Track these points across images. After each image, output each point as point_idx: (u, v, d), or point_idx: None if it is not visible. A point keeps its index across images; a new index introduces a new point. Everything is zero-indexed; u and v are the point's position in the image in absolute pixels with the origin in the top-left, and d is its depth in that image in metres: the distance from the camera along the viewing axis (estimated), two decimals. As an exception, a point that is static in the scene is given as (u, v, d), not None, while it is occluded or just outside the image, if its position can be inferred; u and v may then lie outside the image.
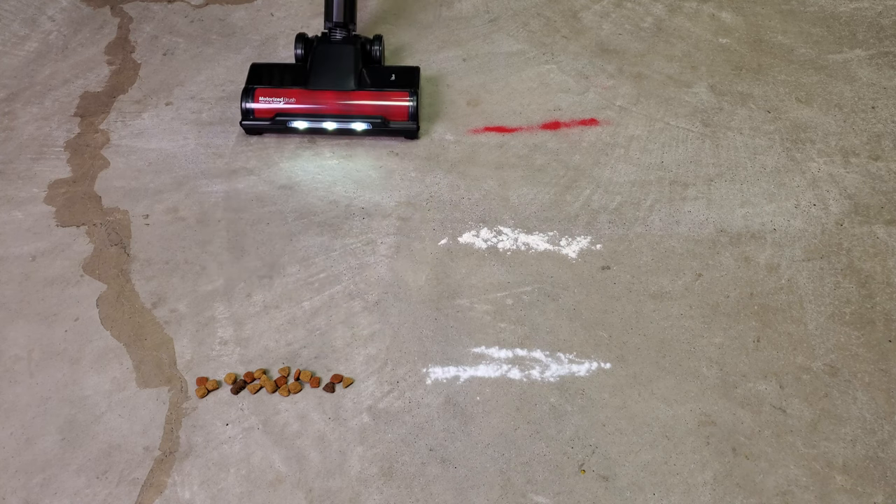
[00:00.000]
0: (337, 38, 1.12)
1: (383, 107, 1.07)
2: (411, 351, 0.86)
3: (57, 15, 1.31)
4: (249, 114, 1.08)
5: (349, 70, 1.09)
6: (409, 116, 1.06)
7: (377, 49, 1.14)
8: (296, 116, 1.07)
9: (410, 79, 1.10)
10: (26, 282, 0.93)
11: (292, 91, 1.08)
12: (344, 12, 1.12)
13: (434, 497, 0.75)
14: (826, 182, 1.03)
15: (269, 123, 1.07)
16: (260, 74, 1.12)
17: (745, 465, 0.77)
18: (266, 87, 1.09)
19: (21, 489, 0.76)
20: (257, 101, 1.08)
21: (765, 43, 1.23)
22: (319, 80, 1.09)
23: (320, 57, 1.10)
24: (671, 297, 0.91)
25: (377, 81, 1.10)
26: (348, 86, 1.08)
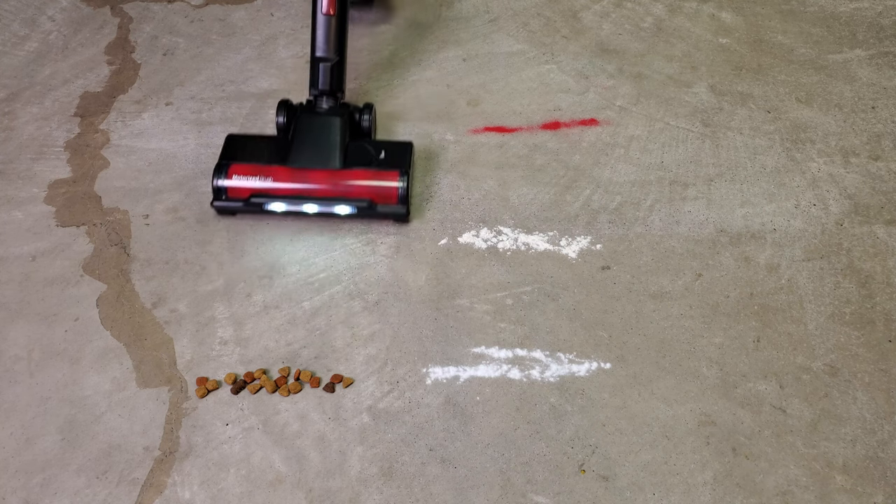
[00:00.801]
0: (323, 108, 1.02)
1: (371, 188, 0.96)
2: (411, 351, 0.86)
3: (57, 15, 1.31)
4: (222, 193, 0.97)
5: (334, 146, 0.98)
6: (399, 200, 0.96)
7: (367, 119, 1.03)
8: (273, 198, 0.97)
9: (402, 157, 0.99)
10: (26, 282, 0.93)
11: (270, 168, 0.97)
12: (331, 79, 1.02)
13: (434, 497, 0.75)
14: (826, 182, 1.03)
15: (242, 205, 0.97)
16: (236, 147, 1.01)
17: (745, 465, 0.77)
18: (242, 162, 0.98)
19: (21, 489, 0.76)
20: (231, 178, 0.97)
21: (765, 43, 1.23)
22: (301, 157, 0.98)
23: (303, 130, 1.00)
24: (671, 297, 0.91)
25: (365, 158, 0.99)
26: (333, 164, 0.97)
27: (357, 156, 0.99)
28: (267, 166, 0.97)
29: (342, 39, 1.02)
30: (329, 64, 1.01)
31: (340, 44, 1.02)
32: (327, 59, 1.01)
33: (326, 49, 1.01)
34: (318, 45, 1.02)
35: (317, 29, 1.01)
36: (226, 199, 0.97)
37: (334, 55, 1.01)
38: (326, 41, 1.01)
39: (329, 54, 1.01)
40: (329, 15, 1.01)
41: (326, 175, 0.97)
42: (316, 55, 1.02)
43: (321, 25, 1.01)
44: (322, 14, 1.01)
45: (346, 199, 0.96)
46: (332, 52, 1.01)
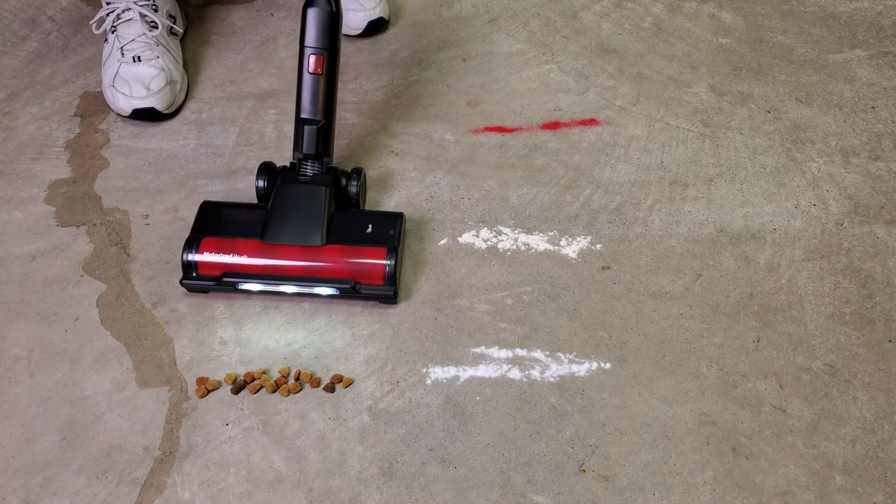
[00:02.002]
0: (306, 175, 0.93)
1: (354, 267, 0.88)
2: (411, 351, 0.86)
3: (57, 15, 1.31)
4: (192, 269, 0.89)
5: (316, 220, 0.89)
6: (385, 280, 0.88)
7: (355, 186, 0.94)
8: (247, 277, 0.88)
9: (390, 230, 0.91)
10: (26, 282, 0.93)
11: (245, 244, 0.89)
12: (317, 143, 0.93)
13: (434, 497, 0.75)
14: (826, 182, 1.03)
15: (213, 283, 0.89)
16: (210, 217, 0.93)
17: (745, 465, 0.77)
18: (215, 236, 0.90)
19: (21, 489, 0.76)
20: (202, 253, 0.88)
21: (765, 43, 1.23)
22: (279, 232, 0.89)
23: (282, 200, 0.91)
24: (671, 297, 0.91)
25: (350, 232, 0.90)
26: (313, 240, 0.88)
27: (341, 229, 0.90)
28: (241, 241, 0.89)
29: (330, 100, 0.94)
30: (315, 127, 0.93)
31: (328, 105, 0.94)
32: (313, 122, 0.93)
33: (312, 111, 0.93)
34: (303, 105, 0.93)
35: (302, 88, 0.93)
36: (196, 277, 0.89)
37: (321, 117, 0.93)
38: (312, 102, 0.93)
39: (315, 116, 0.93)
40: (316, 74, 0.93)
41: (306, 252, 0.88)
42: (301, 116, 0.94)
43: (307, 85, 0.93)
44: (308, 73, 0.93)
45: (328, 280, 0.88)
46: (318, 114, 0.93)
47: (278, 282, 0.88)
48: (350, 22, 1.23)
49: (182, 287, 0.90)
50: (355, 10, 1.22)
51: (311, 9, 0.92)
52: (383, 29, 1.27)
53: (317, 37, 0.92)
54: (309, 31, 0.92)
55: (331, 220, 0.91)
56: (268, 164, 0.95)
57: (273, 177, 0.94)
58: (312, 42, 0.92)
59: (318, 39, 0.92)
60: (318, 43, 0.92)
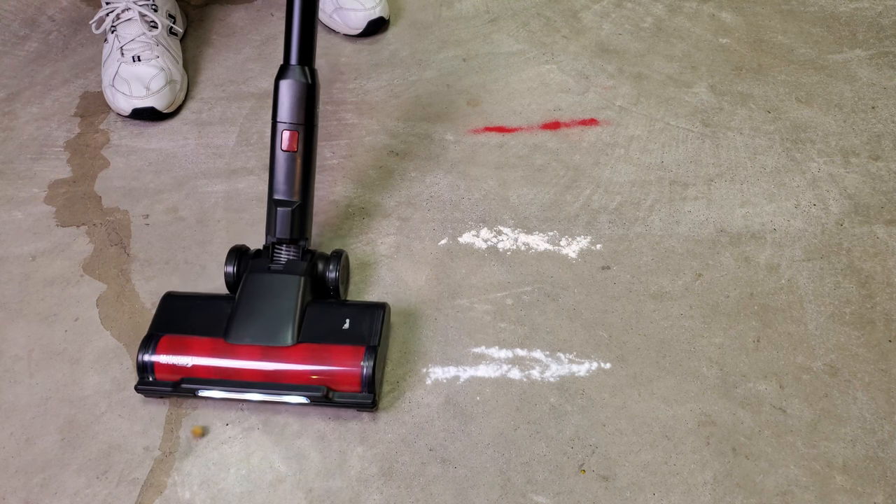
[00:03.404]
0: (279, 262, 0.83)
1: (327, 371, 0.77)
2: (411, 351, 0.86)
3: (57, 15, 1.31)
4: (147, 372, 0.79)
5: (287, 316, 0.79)
6: (363, 385, 0.77)
7: (334, 272, 0.84)
8: (207, 383, 0.78)
9: (370, 326, 0.80)
10: (26, 282, 0.93)
11: (206, 343, 0.79)
12: (291, 226, 0.84)
13: (434, 497, 0.75)
14: (826, 182, 1.03)
15: (171, 389, 0.79)
16: (172, 311, 0.83)
17: (745, 465, 0.77)
18: (176, 333, 0.80)
19: (21, 489, 0.76)
20: (159, 353, 0.79)
21: (765, 43, 1.23)
22: (244, 331, 0.79)
23: (251, 292, 0.81)
24: (671, 297, 0.91)
25: (325, 328, 0.79)
26: (283, 340, 0.78)
27: (316, 324, 0.80)
28: (204, 340, 0.79)
29: (307, 179, 0.85)
30: (289, 209, 0.84)
31: (305, 184, 0.85)
32: (287, 203, 0.84)
33: (287, 191, 0.84)
34: (276, 185, 0.84)
35: (275, 167, 0.84)
36: (153, 382, 0.79)
37: (297, 198, 0.84)
38: (287, 182, 0.84)
39: (290, 196, 0.84)
40: (292, 151, 0.84)
41: (274, 354, 0.78)
42: (273, 197, 0.84)
43: (280, 163, 0.84)
44: (282, 150, 0.84)
45: (297, 387, 0.77)
46: (293, 195, 0.84)
47: (241, 389, 0.78)
48: (350, 22, 1.23)
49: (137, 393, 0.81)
50: (355, 9, 1.22)
51: (283, 80, 0.84)
52: (383, 29, 1.27)
53: (291, 111, 0.84)
54: (282, 105, 0.84)
55: (304, 314, 0.81)
56: (238, 247, 0.86)
57: (244, 262, 0.85)
58: (286, 117, 0.84)
59: (292, 114, 0.84)
60: (292, 118, 0.84)
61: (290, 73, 0.84)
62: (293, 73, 0.84)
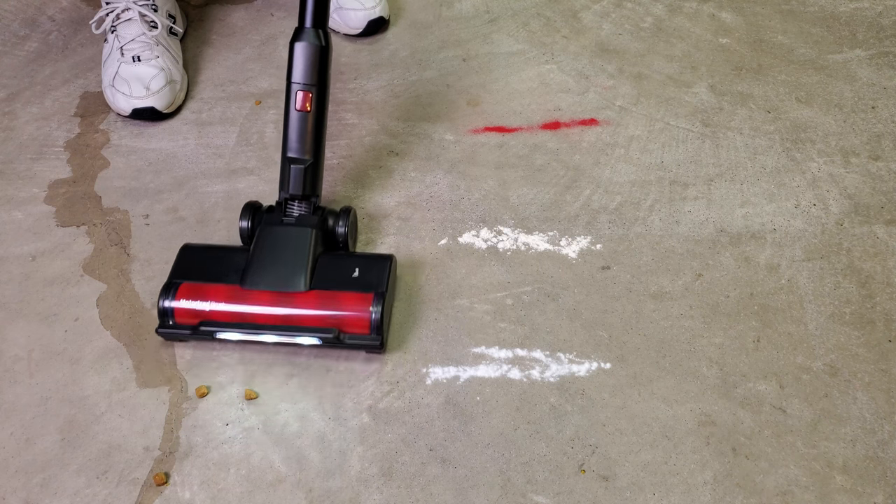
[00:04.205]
0: (292, 216, 0.88)
1: (338, 315, 0.82)
2: (411, 351, 0.86)
3: (57, 15, 1.31)
4: (168, 317, 0.84)
5: (300, 265, 0.84)
6: (372, 328, 0.82)
7: (343, 226, 0.89)
8: (225, 326, 0.83)
9: (379, 275, 0.85)
10: (26, 282, 0.93)
11: (223, 290, 0.84)
12: (304, 183, 0.88)
13: (434, 497, 0.75)
14: (826, 182, 1.03)
15: (190, 332, 0.83)
16: (190, 261, 0.88)
17: (745, 465, 0.77)
18: (194, 281, 0.85)
19: (21, 489, 0.76)
20: (179, 300, 0.84)
21: (765, 43, 1.23)
22: (259, 278, 0.84)
23: (265, 243, 0.86)
24: (671, 297, 0.91)
25: (336, 276, 0.85)
26: (296, 286, 0.83)
27: (327, 273, 0.85)
28: (221, 286, 0.84)
29: (319, 138, 0.89)
30: (302, 166, 0.88)
31: (317, 143, 0.89)
32: (300, 161, 0.88)
33: (300, 149, 0.88)
34: (289, 143, 0.89)
35: (289, 126, 0.89)
36: (173, 326, 0.84)
37: (309, 156, 0.89)
38: (300, 141, 0.88)
39: (303, 155, 0.89)
40: (304, 111, 0.88)
41: (288, 299, 0.83)
42: (287, 155, 0.89)
43: (294, 123, 0.88)
44: (296, 110, 0.88)
45: (310, 329, 0.82)
46: (306, 153, 0.89)
47: (257, 331, 0.82)
48: (350, 21, 1.23)
49: (158, 335, 0.86)
50: (355, 9, 1.22)
51: (298, 43, 0.88)
52: (383, 29, 1.27)
53: (305, 72, 0.88)
54: (296, 67, 0.88)
55: (316, 264, 0.85)
56: (252, 203, 0.91)
57: (258, 217, 0.89)
58: (300, 78, 0.88)
59: (306, 75, 0.88)
60: (306, 79, 0.88)
61: (304, 35, 0.88)
62: (307, 35, 0.88)
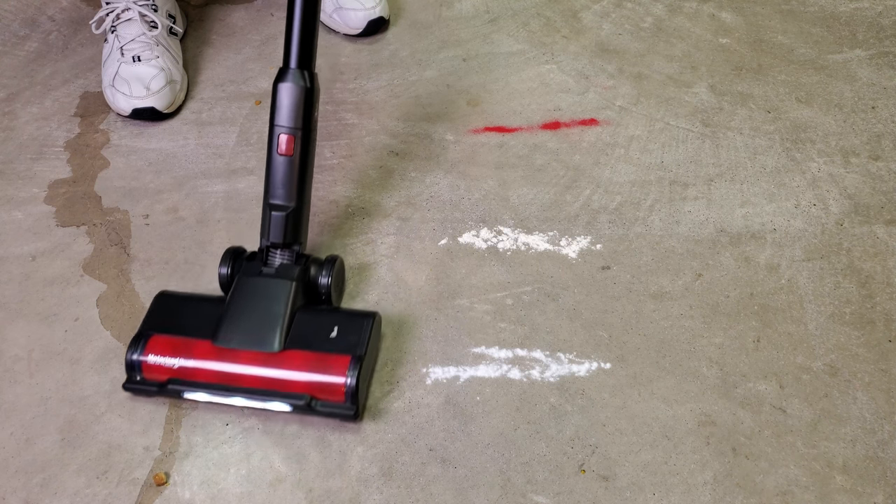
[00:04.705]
0: (272, 266, 0.82)
1: (312, 380, 0.77)
2: (411, 351, 0.86)
3: (57, 15, 1.31)
4: (135, 371, 0.79)
5: (275, 321, 0.78)
6: (346, 397, 0.76)
7: (326, 277, 0.83)
8: (193, 385, 0.78)
9: (357, 336, 0.79)
10: (26, 282, 0.93)
11: (194, 345, 0.79)
12: (285, 230, 0.82)
13: (434, 497, 0.75)
14: (826, 182, 1.03)
15: (157, 390, 0.79)
16: (164, 311, 0.83)
17: (745, 465, 0.77)
18: (166, 333, 0.80)
19: (21, 489, 0.76)
20: (148, 354, 0.79)
21: (765, 43, 1.23)
22: (232, 334, 0.78)
23: (241, 296, 0.80)
24: (671, 297, 0.91)
25: (313, 335, 0.79)
26: (269, 345, 0.78)
27: (304, 331, 0.79)
28: (192, 342, 0.79)
29: (303, 183, 0.83)
30: (284, 213, 0.82)
31: (301, 189, 0.83)
32: (282, 207, 0.82)
33: (282, 195, 0.83)
34: (271, 189, 0.83)
35: (272, 171, 0.83)
36: (140, 381, 0.79)
37: (292, 202, 0.83)
38: (283, 186, 0.82)
39: (285, 201, 0.83)
40: (288, 156, 0.82)
41: (260, 359, 0.78)
42: (269, 201, 0.83)
43: (277, 167, 0.83)
44: (278, 154, 0.82)
45: (282, 394, 0.77)
46: (289, 199, 0.83)
47: (227, 393, 0.78)
48: (350, 22, 1.23)
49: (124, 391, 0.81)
50: (355, 9, 1.22)
51: (282, 84, 0.82)
52: (383, 29, 1.27)
53: (289, 115, 0.82)
54: (280, 109, 0.82)
55: (293, 321, 0.80)
56: (233, 249, 0.86)
57: (238, 264, 0.84)
58: (284, 121, 0.82)
59: (290, 118, 0.82)
60: (289, 122, 0.82)
61: (288, 76, 0.83)
62: (292, 76, 0.82)
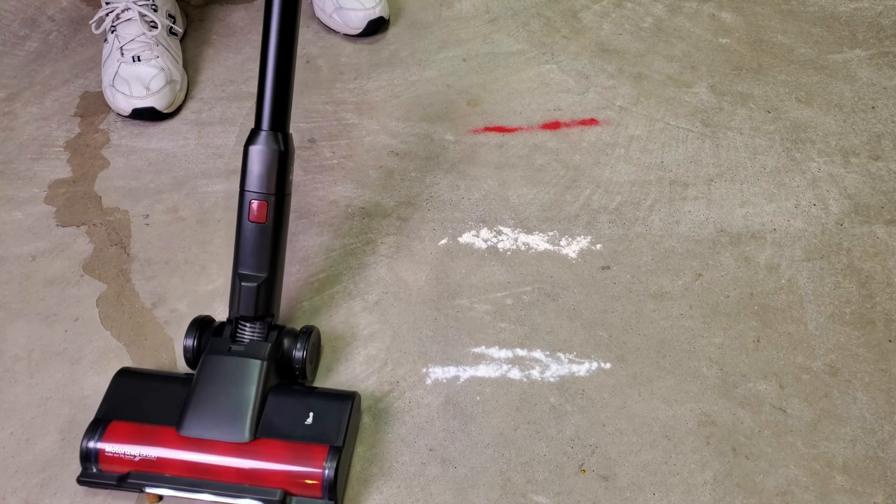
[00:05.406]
0: (241, 342, 0.76)
1: (285, 474, 0.70)
2: (411, 351, 0.86)
3: (57, 15, 1.31)
4: (91, 462, 0.71)
5: (244, 408, 0.71)
6: (324, 491, 0.69)
7: (301, 352, 0.77)
8: (156, 478, 0.70)
9: (335, 423, 0.72)
10: (26, 282, 0.93)
11: (156, 433, 0.71)
12: (256, 303, 0.76)
13: (434, 497, 0.75)
14: (826, 182, 1.03)
15: (115, 484, 0.71)
16: (125, 393, 0.75)
17: (745, 465, 0.77)
18: (126, 419, 0.72)
19: (21, 489, 0.76)
20: (106, 441, 0.71)
21: (765, 43, 1.23)
22: (197, 421, 0.71)
23: (208, 377, 0.73)
24: (671, 297, 0.91)
25: (286, 422, 0.72)
26: (238, 435, 0.70)
27: (276, 417, 0.72)
28: (154, 429, 0.71)
29: (276, 253, 0.77)
30: (254, 284, 0.76)
31: (274, 258, 0.77)
32: (253, 278, 0.76)
33: (253, 265, 0.76)
34: (241, 258, 0.76)
35: (241, 238, 0.76)
36: (96, 472, 0.71)
37: (264, 273, 0.76)
38: (254, 255, 0.76)
39: (256, 271, 0.76)
40: (259, 223, 0.76)
41: (228, 450, 0.70)
42: (238, 270, 0.77)
43: (247, 235, 0.76)
44: (249, 221, 0.76)
45: (252, 489, 0.70)
46: (260, 269, 0.76)
47: (192, 487, 0.70)
48: (350, 22, 1.23)
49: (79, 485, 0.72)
50: (355, 9, 1.22)
51: (253, 147, 0.77)
52: (383, 29, 1.27)
53: (261, 180, 0.76)
54: (251, 173, 0.76)
55: (264, 404, 0.73)
56: (200, 319, 0.79)
57: (205, 336, 0.78)
58: (255, 186, 0.76)
59: (262, 183, 0.76)
60: (262, 188, 0.76)
61: (260, 139, 0.77)
62: (265, 139, 0.77)
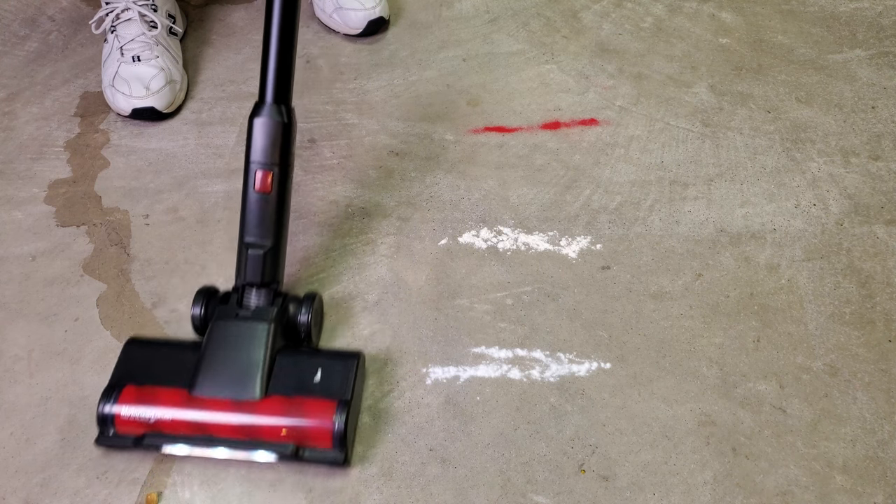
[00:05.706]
0: (248, 308, 0.78)
1: (297, 427, 0.73)
2: (411, 351, 0.86)
3: (57, 15, 1.31)
4: (108, 425, 0.75)
5: (254, 368, 0.75)
6: (334, 442, 0.73)
7: (306, 316, 0.80)
8: (171, 438, 0.74)
9: (342, 379, 0.76)
10: (26, 282, 0.93)
11: (170, 395, 0.74)
12: (262, 269, 0.79)
13: (434, 497, 0.75)
14: (826, 182, 1.03)
15: (132, 444, 0.74)
16: (136, 359, 0.78)
17: (745, 465, 0.77)
18: (139, 383, 0.76)
19: (21, 489, 0.76)
20: (121, 404, 0.74)
21: (765, 43, 1.23)
22: (210, 382, 0.74)
23: (217, 341, 0.76)
24: (671, 297, 0.91)
25: (295, 380, 0.75)
26: (250, 393, 0.74)
27: (285, 375, 0.75)
28: (168, 391, 0.75)
29: (280, 221, 0.81)
30: (260, 252, 0.79)
31: (278, 227, 0.81)
32: (259, 246, 0.80)
33: (259, 234, 0.80)
34: (247, 227, 0.80)
35: (247, 208, 0.80)
36: (113, 435, 0.75)
37: (268, 241, 0.80)
38: (259, 224, 0.80)
39: (261, 240, 0.80)
40: (265, 192, 0.80)
41: (241, 408, 0.73)
42: (244, 239, 0.80)
43: (252, 204, 0.80)
44: (254, 191, 0.80)
45: (265, 444, 0.73)
46: (265, 238, 0.80)
47: (208, 444, 0.74)
48: (350, 22, 1.23)
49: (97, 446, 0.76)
50: (355, 9, 1.22)
51: (258, 119, 0.80)
52: (383, 29, 1.27)
53: (265, 151, 0.80)
54: (256, 144, 0.80)
55: (273, 365, 0.76)
56: (206, 288, 0.82)
57: (212, 305, 0.80)
58: (259, 157, 0.80)
59: (266, 154, 0.80)
60: (266, 158, 0.80)
61: (264, 111, 0.80)
62: (268, 111, 0.80)
